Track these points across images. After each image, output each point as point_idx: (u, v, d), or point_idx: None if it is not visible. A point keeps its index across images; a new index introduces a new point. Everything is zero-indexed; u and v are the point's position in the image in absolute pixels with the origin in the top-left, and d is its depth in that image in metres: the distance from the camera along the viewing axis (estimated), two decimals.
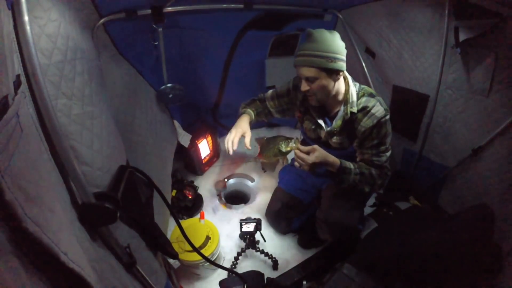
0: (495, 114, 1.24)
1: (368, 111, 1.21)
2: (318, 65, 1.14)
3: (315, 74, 1.16)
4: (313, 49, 1.14)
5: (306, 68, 1.16)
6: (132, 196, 0.95)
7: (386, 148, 1.26)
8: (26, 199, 0.39)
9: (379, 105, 1.20)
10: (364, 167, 1.25)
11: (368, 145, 1.24)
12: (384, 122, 1.20)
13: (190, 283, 1.47)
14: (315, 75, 1.16)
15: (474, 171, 1.38)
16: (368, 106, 1.21)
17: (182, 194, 1.83)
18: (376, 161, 1.25)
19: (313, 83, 1.18)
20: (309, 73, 1.16)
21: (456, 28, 1.26)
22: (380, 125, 1.20)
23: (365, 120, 1.21)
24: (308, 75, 1.17)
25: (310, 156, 1.15)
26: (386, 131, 1.22)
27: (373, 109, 1.20)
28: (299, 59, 1.18)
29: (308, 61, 1.15)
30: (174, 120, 1.89)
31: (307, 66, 1.16)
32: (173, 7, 1.31)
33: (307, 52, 1.15)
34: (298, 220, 1.68)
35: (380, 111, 1.19)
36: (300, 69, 1.19)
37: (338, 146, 1.34)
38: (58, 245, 0.45)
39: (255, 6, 1.56)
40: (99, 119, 0.83)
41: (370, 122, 1.20)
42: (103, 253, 0.75)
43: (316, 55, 1.13)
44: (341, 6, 1.82)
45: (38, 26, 0.65)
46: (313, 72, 1.16)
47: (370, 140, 1.23)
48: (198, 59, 1.73)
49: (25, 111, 0.50)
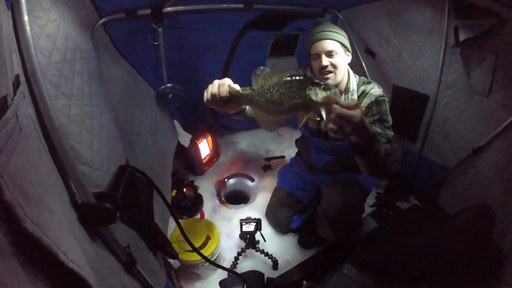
0: (495, 114, 1.24)
1: (366, 92, 1.26)
2: (339, 39, 1.22)
3: (336, 47, 1.22)
4: (331, 27, 1.24)
5: (328, 41, 1.21)
6: (132, 196, 0.95)
7: (389, 126, 1.19)
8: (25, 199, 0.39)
9: (376, 87, 1.26)
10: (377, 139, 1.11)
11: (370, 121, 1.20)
12: (382, 100, 1.21)
13: (190, 283, 1.47)
14: (336, 49, 1.22)
15: (474, 171, 1.38)
16: (366, 89, 1.27)
17: (182, 194, 1.83)
18: (384, 135, 1.15)
19: (333, 57, 1.22)
20: (332, 46, 1.21)
21: (456, 28, 1.26)
22: (378, 102, 1.21)
23: (364, 100, 1.25)
24: (330, 48, 1.21)
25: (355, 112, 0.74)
26: (386, 108, 1.21)
27: (371, 90, 1.25)
28: (320, 34, 1.23)
29: (330, 34, 1.22)
30: (174, 120, 1.89)
31: (330, 39, 1.21)
32: (173, 7, 1.31)
33: (327, 28, 1.23)
34: (298, 219, 1.68)
35: (378, 91, 1.24)
36: (320, 43, 1.22)
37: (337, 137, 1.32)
38: (58, 245, 0.45)
39: (255, 6, 1.56)
40: (99, 119, 0.83)
41: (368, 100, 1.23)
42: (103, 253, 0.75)
43: (335, 31, 1.23)
44: (341, 6, 1.82)
45: (37, 26, 0.65)
46: (335, 45, 1.22)
47: (371, 117, 1.20)
48: (198, 59, 1.73)
49: (24, 111, 0.50)
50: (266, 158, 2.30)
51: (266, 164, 2.25)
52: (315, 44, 1.24)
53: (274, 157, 2.28)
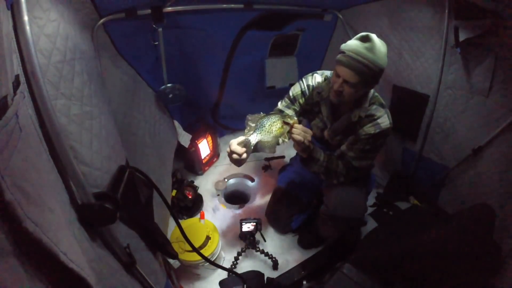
0: (495, 114, 1.24)
1: (374, 119, 1.21)
2: (364, 76, 1.09)
3: (356, 80, 1.10)
4: (367, 57, 1.07)
5: (351, 72, 1.09)
6: (132, 196, 0.95)
7: (371, 157, 1.29)
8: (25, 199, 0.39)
9: (386, 117, 1.21)
10: (334, 162, 1.28)
11: (357, 147, 1.25)
12: (384, 134, 1.21)
13: (190, 283, 1.47)
14: (355, 82, 1.10)
15: (474, 171, 1.38)
16: (376, 114, 1.21)
17: (182, 194, 1.83)
18: (354, 163, 1.27)
19: (349, 87, 1.13)
20: (351, 78, 1.10)
21: (456, 28, 1.26)
22: (379, 135, 1.21)
23: (369, 126, 1.21)
24: (349, 79, 1.11)
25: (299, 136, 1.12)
26: (381, 143, 1.24)
27: (380, 119, 1.20)
28: (348, 60, 1.09)
29: (357, 67, 1.08)
30: (174, 120, 1.90)
31: (354, 71, 1.09)
32: (173, 7, 1.31)
33: (360, 58, 1.07)
34: (298, 220, 1.68)
35: (386, 123, 1.20)
36: (342, 69, 1.11)
37: (338, 146, 1.35)
38: (58, 245, 0.45)
39: (255, 6, 1.56)
40: (98, 119, 0.83)
41: (372, 130, 1.20)
42: (103, 253, 0.75)
43: (366, 65, 1.07)
44: (341, 6, 1.82)
45: (37, 27, 0.65)
46: (356, 78, 1.10)
47: (363, 145, 1.24)
48: (198, 59, 1.73)
49: (24, 111, 0.50)
50: (266, 158, 2.30)
51: (266, 164, 2.26)
52: (339, 64, 1.12)
53: (274, 157, 2.28)
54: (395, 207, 1.72)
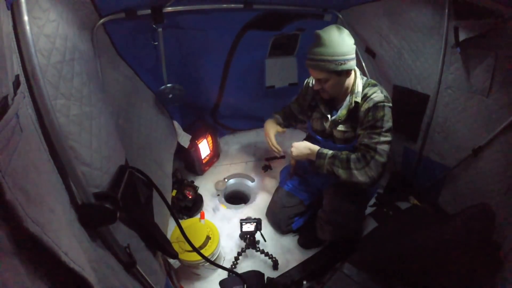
0: (495, 114, 1.24)
1: (367, 97, 1.26)
2: (328, 69, 1.20)
3: (325, 76, 1.23)
4: (321, 53, 1.18)
5: (316, 71, 1.24)
6: (132, 196, 0.95)
7: (381, 132, 1.20)
8: (26, 199, 0.39)
9: (379, 92, 1.25)
10: (344, 153, 1.28)
11: (363, 126, 1.26)
12: (381, 106, 1.21)
13: (190, 283, 1.47)
14: (325, 77, 1.23)
15: (474, 171, 1.38)
16: (368, 93, 1.27)
17: (182, 194, 1.83)
18: (368, 143, 1.21)
19: (325, 83, 1.26)
20: (320, 75, 1.24)
21: (456, 28, 1.26)
22: (376, 107, 1.21)
23: (364, 104, 1.26)
24: (319, 77, 1.25)
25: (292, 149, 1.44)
26: (383, 114, 1.21)
27: (372, 95, 1.25)
28: (309, 63, 1.24)
29: (317, 65, 1.21)
30: (174, 120, 1.89)
31: (317, 69, 1.22)
32: (173, 7, 1.31)
33: (316, 57, 1.20)
34: (299, 220, 1.68)
35: (379, 96, 1.23)
36: (310, 71, 1.27)
37: (342, 137, 1.36)
38: (59, 245, 0.45)
39: (255, 6, 1.56)
40: (98, 120, 0.83)
41: (367, 105, 1.24)
42: (103, 253, 0.75)
43: (324, 60, 1.19)
44: (341, 6, 1.82)
45: (36, 27, 0.65)
46: (323, 74, 1.23)
47: (366, 122, 1.24)
48: (198, 59, 1.73)
49: (24, 111, 0.50)
50: (266, 158, 2.30)
51: (266, 164, 2.26)
52: (309, 68, 1.27)
53: (274, 157, 2.28)
54: (395, 207, 1.72)
